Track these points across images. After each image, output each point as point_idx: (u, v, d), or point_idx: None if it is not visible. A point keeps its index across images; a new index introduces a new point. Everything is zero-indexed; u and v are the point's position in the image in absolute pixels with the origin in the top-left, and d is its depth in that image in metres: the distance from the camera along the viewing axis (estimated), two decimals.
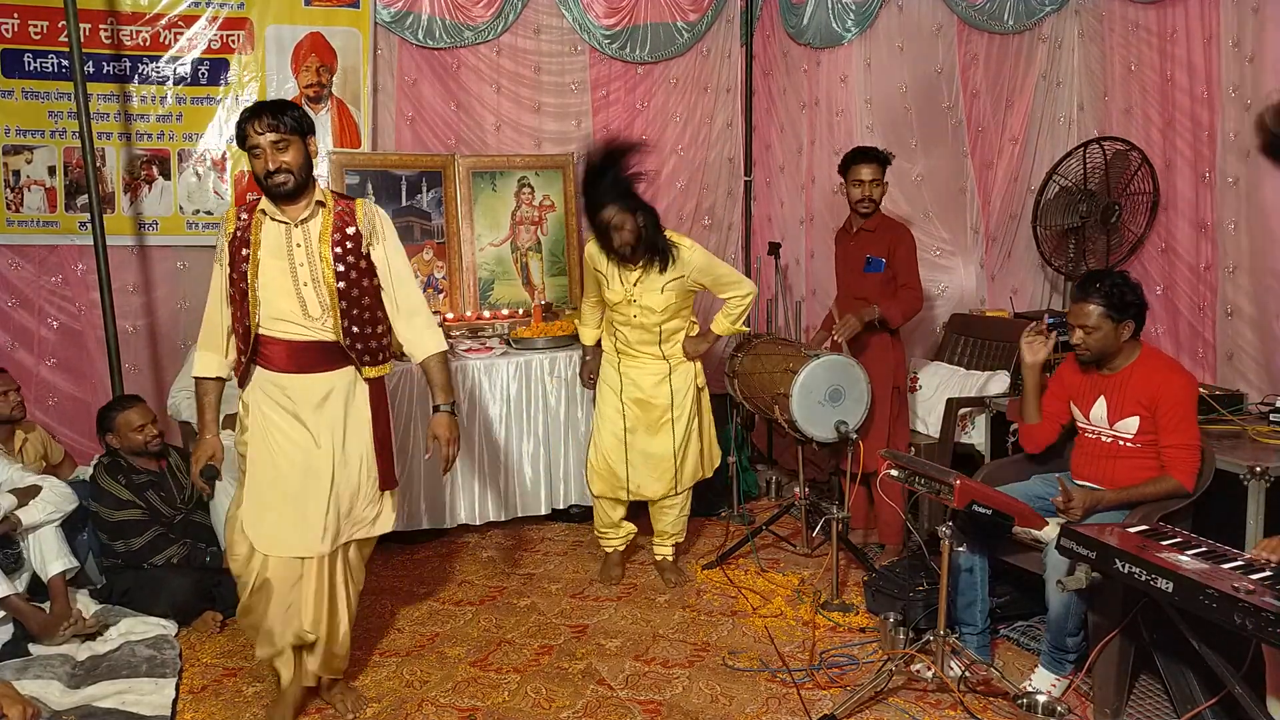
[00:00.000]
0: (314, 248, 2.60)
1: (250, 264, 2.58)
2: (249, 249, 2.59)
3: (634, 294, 3.50)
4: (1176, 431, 2.78)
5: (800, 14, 4.92)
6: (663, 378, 3.62)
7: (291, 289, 2.59)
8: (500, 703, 2.89)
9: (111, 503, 3.43)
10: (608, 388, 3.72)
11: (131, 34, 4.28)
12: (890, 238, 3.78)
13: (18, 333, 4.36)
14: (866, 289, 3.82)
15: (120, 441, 3.53)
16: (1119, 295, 2.83)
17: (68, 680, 2.95)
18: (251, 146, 2.54)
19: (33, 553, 3.30)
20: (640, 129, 5.08)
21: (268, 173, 2.53)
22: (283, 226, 2.61)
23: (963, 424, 4.02)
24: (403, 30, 4.64)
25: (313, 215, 2.62)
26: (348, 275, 2.62)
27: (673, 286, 3.49)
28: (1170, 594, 2.18)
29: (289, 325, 2.61)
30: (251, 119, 2.53)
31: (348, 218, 2.65)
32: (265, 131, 2.51)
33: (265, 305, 2.59)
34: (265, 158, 2.52)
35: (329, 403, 2.66)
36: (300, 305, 2.60)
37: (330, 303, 2.60)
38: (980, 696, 2.82)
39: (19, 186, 4.28)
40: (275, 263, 2.59)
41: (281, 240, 2.60)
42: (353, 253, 2.63)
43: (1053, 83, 4.88)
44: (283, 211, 2.61)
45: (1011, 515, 2.75)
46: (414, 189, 4.66)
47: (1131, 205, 4.38)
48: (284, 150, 2.53)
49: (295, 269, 2.59)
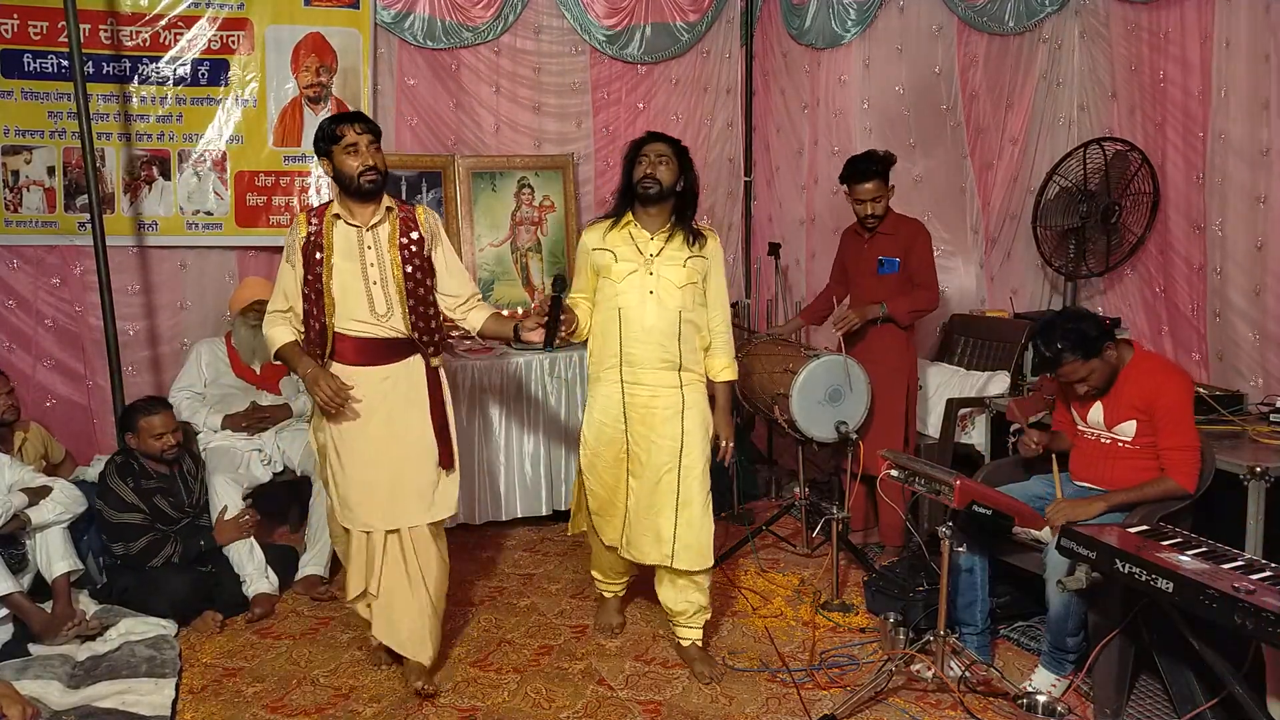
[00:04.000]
0: (383, 250, 2.84)
1: (325, 267, 2.81)
2: (323, 253, 2.82)
3: (653, 266, 2.93)
4: (1174, 433, 2.78)
5: (801, 14, 4.92)
6: (676, 411, 2.97)
7: (362, 289, 2.82)
8: (500, 703, 2.89)
9: (115, 503, 3.43)
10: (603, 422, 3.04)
11: (131, 34, 4.27)
12: (906, 236, 3.75)
13: (15, 334, 4.36)
14: (880, 292, 3.77)
15: (139, 444, 3.52)
16: (1081, 338, 2.78)
17: (67, 680, 2.95)
18: (349, 144, 2.77)
19: (38, 552, 3.31)
20: (640, 129, 5.07)
21: (362, 170, 2.77)
22: (354, 230, 2.84)
23: (963, 424, 4.02)
24: (402, 31, 4.64)
25: (382, 220, 2.86)
26: (414, 276, 2.87)
27: (694, 265, 2.95)
28: (1170, 594, 2.18)
29: (359, 324, 2.84)
30: (349, 121, 2.80)
31: (411, 223, 2.90)
32: (364, 132, 2.79)
33: (340, 305, 2.82)
34: (362, 155, 2.77)
35: (395, 391, 2.89)
36: (369, 303, 2.83)
37: (399, 299, 2.84)
38: (980, 696, 2.82)
39: (18, 187, 4.28)
40: (348, 265, 2.82)
41: (354, 243, 2.83)
42: (417, 255, 2.89)
43: (1053, 83, 4.88)
44: (355, 215, 2.84)
45: (1011, 515, 2.76)
46: (414, 189, 4.67)
47: (1132, 205, 4.39)
48: (377, 151, 2.81)
49: (366, 269, 2.83)
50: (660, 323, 2.92)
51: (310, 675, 3.07)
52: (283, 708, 2.88)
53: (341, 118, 2.84)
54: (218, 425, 3.89)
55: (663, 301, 2.92)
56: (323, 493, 3.76)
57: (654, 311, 2.91)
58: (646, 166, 2.91)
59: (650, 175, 2.90)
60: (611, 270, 2.96)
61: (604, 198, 5.05)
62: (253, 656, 3.21)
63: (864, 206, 3.71)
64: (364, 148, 2.77)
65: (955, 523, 2.83)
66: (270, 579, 3.59)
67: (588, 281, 3.06)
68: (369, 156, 2.78)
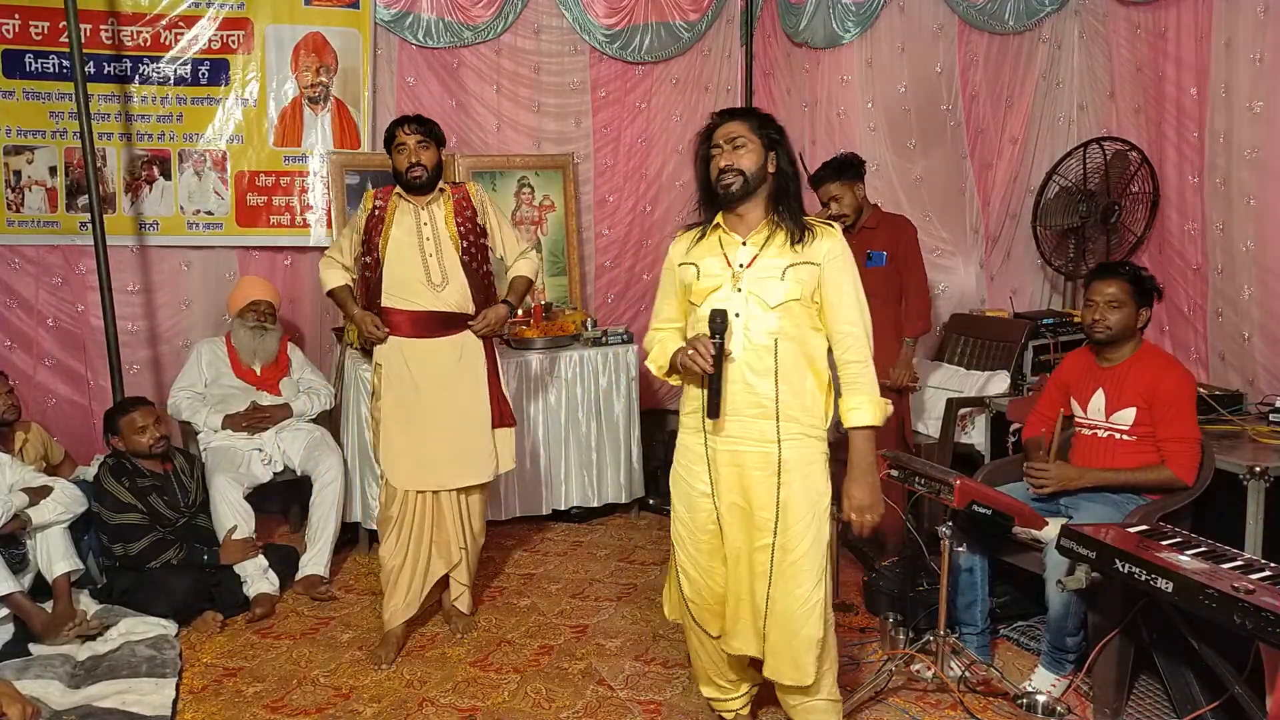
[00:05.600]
0: (439, 226, 3.17)
1: (383, 238, 3.14)
2: (384, 226, 3.15)
3: (742, 279, 2.29)
4: (1173, 424, 2.81)
5: (800, 14, 4.91)
6: (769, 473, 2.29)
7: (419, 260, 3.12)
8: (500, 703, 2.89)
9: (112, 504, 3.43)
10: (689, 483, 2.40)
11: (132, 34, 4.28)
12: (891, 231, 3.83)
13: (16, 334, 4.36)
14: (871, 285, 3.82)
15: (125, 444, 3.52)
16: (1144, 280, 2.94)
17: (68, 680, 2.95)
18: (399, 144, 3.12)
19: (39, 552, 3.31)
20: (640, 128, 5.09)
21: (409, 166, 3.11)
22: (412, 208, 3.17)
23: (963, 424, 4.02)
24: (403, 30, 4.64)
25: (436, 199, 3.20)
26: (469, 250, 3.20)
27: (797, 275, 2.28)
28: (1170, 594, 2.18)
29: (412, 295, 3.12)
30: (402, 124, 3.14)
31: (465, 201, 3.24)
32: (413, 134, 3.11)
33: (389, 273, 3.13)
34: (408, 153, 3.10)
35: (449, 361, 3.18)
36: (425, 273, 3.12)
37: (456, 268, 3.15)
38: (980, 696, 2.82)
39: (19, 187, 4.28)
40: (406, 238, 3.13)
41: (412, 220, 3.16)
42: (472, 230, 3.22)
43: (1052, 83, 4.88)
44: (413, 200, 3.17)
45: (1011, 515, 2.76)
46: None
47: (1131, 205, 4.39)
48: (425, 149, 3.12)
49: (423, 242, 3.13)
50: (748, 355, 2.28)
51: (310, 675, 3.07)
52: (283, 708, 2.88)
53: (398, 120, 3.17)
54: (218, 425, 3.90)
55: (750, 327, 2.28)
56: (323, 492, 3.79)
57: (740, 341, 2.28)
58: (722, 158, 2.30)
59: (730, 167, 2.28)
60: (694, 289, 2.35)
61: (603, 197, 5.06)
62: (253, 656, 3.21)
63: (831, 208, 3.84)
64: (412, 146, 3.10)
65: (955, 523, 2.83)
66: (271, 579, 3.60)
67: (677, 307, 2.47)
68: (416, 154, 3.10)
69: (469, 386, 3.22)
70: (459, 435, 3.21)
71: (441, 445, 3.19)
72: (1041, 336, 4.22)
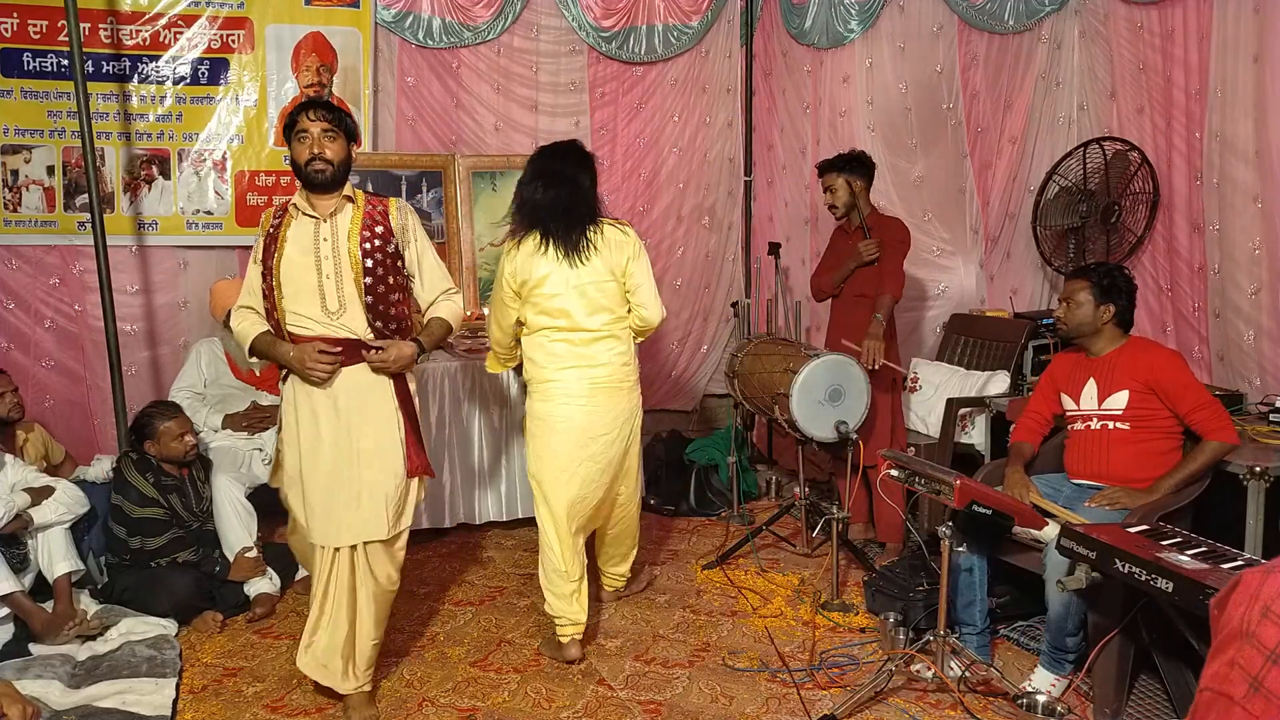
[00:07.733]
0: (341, 243, 2.69)
1: (276, 260, 2.68)
2: (277, 245, 2.69)
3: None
4: (1188, 397, 2.86)
5: (802, 14, 4.92)
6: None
7: (315, 283, 2.66)
8: (500, 703, 2.89)
9: (136, 498, 3.42)
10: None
11: (131, 33, 4.28)
12: (880, 230, 3.91)
13: (15, 334, 4.35)
14: (861, 282, 3.93)
15: (159, 450, 3.49)
16: (1107, 280, 3.01)
17: (68, 680, 2.95)
18: (300, 131, 2.65)
19: (40, 552, 3.31)
20: (639, 128, 5.09)
21: (309, 159, 2.64)
22: (311, 222, 2.70)
23: (963, 424, 4.02)
24: (403, 30, 4.64)
25: (339, 210, 2.71)
26: (375, 271, 2.70)
27: None
28: (1170, 594, 2.18)
29: (311, 321, 2.68)
30: (307, 108, 2.67)
31: (379, 217, 2.75)
32: (317, 120, 2.65)
33: (289, 300, 2.67)
34: (311, 143, 2.64)
35: (351, 395, 2.70)
36: (320, 298, 2.66)
37: (355, 294, 2.67)
38: (980, 696, 2.82)
39: (17, 186, 4.28)
40: (301, 257, 2.67)
41: (310, 236, 2.69)
42: (381, 250, 2.72)
43: (1052, 83, 4.88)
44: (314, 207, 2.70)
45: (1011, 515, 2.76)
46: (414, 189, 4.66)
47: (1132, 205, 4.38)
48: (331, 140, 2.66)
49: (320, 262, 2.67)
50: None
51: None
52: (283, 708, 2.88)
53: (303, 104, 2.70)
54: (218, 425, 3.90)
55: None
56: None
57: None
58: None
59: None
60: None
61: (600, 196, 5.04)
62: (253, 656, 3.21)
63: (826, 196, 3.98)
64: (316, 135, 2.64)
65: (955, 523, 2.83)
66: (271, 579, 3.59)
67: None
68: (320, 144, 2.64)
69: (375, 424, 2.73)
70: (358, 481, 2.72)
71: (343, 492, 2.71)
72: (1041, 336, 4.23)
